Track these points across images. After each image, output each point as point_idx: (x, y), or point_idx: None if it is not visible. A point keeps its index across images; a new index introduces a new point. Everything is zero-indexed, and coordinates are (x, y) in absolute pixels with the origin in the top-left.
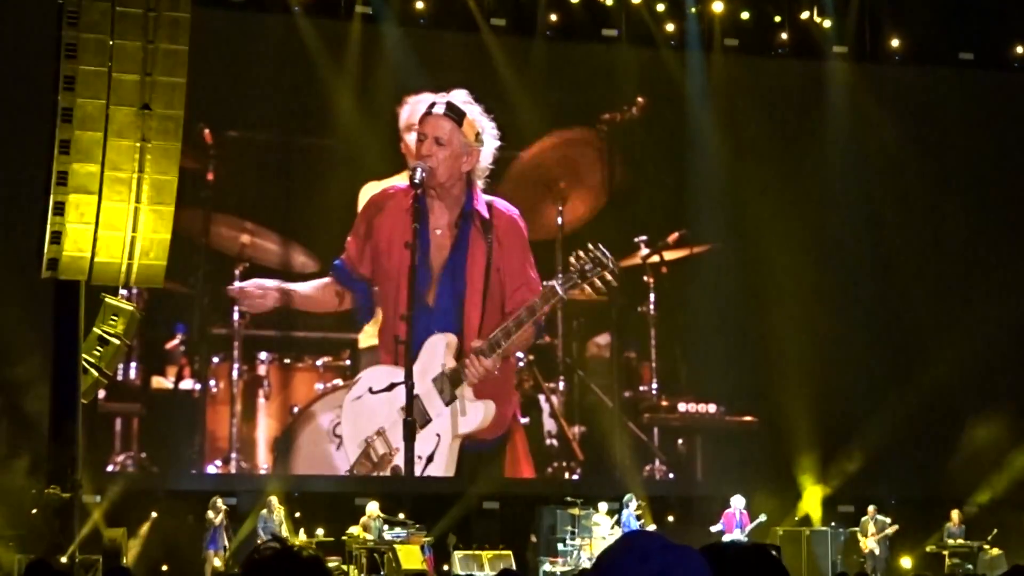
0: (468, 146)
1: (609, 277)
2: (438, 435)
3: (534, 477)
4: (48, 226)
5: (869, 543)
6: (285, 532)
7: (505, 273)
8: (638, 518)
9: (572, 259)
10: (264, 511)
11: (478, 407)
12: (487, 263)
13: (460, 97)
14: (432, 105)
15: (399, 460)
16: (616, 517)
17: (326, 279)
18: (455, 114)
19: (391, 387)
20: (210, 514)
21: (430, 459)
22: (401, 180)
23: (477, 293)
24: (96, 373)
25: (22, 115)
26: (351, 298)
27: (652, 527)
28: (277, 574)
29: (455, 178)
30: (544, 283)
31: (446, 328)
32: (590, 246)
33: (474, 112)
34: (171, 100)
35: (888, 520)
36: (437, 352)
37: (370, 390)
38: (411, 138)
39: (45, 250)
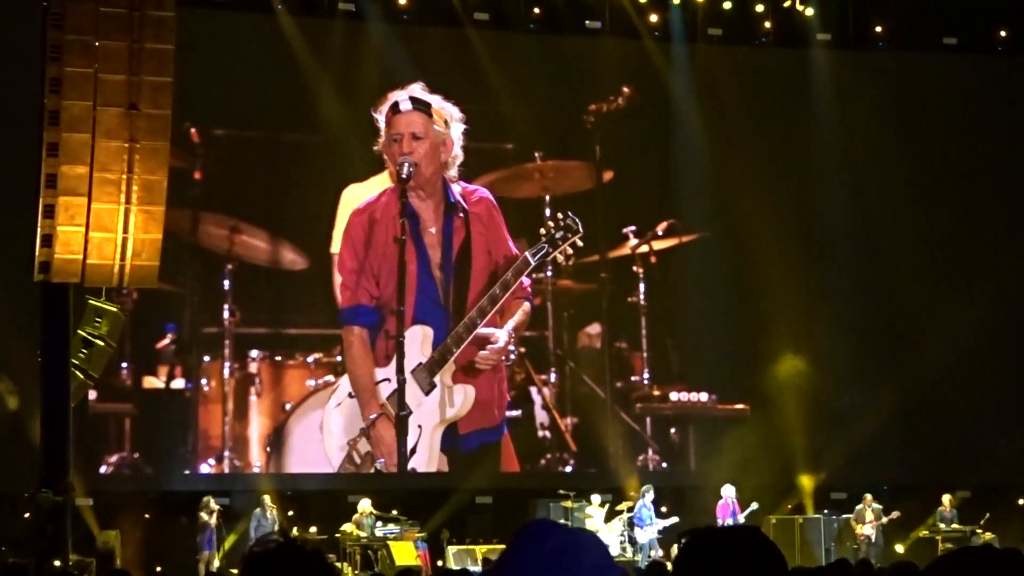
0: (442, 135)
1: (580, 243)
2: (419, 426)
3: (518, 471)
4: (39, 229)
5: (865, 530)
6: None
7: (497, 254)
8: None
9: (542, 229)
10: (258, 510)
11: (458, 392)
12: (481, 249)
13: (417, 89)
14: (396, 103)
15: (383, 459)
16: (629, 506)
17: (344, 331)
18: (422, 106)
19: None
20: (203, 515)
21: (412, 450)
22: (384, 181)
23: (480, 280)
24: (82, 376)
25: (9, 118)
26: (368, 333)
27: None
28: (280, 567)
29: (437, 171)
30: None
31: (457, 321)
32: (559, 214)
33: (437, 100)
34: (158, 100)
35: (882, 508)
36: (415, 344)
37: (349, 395)
38: (380, 142)
39: (36, 253)
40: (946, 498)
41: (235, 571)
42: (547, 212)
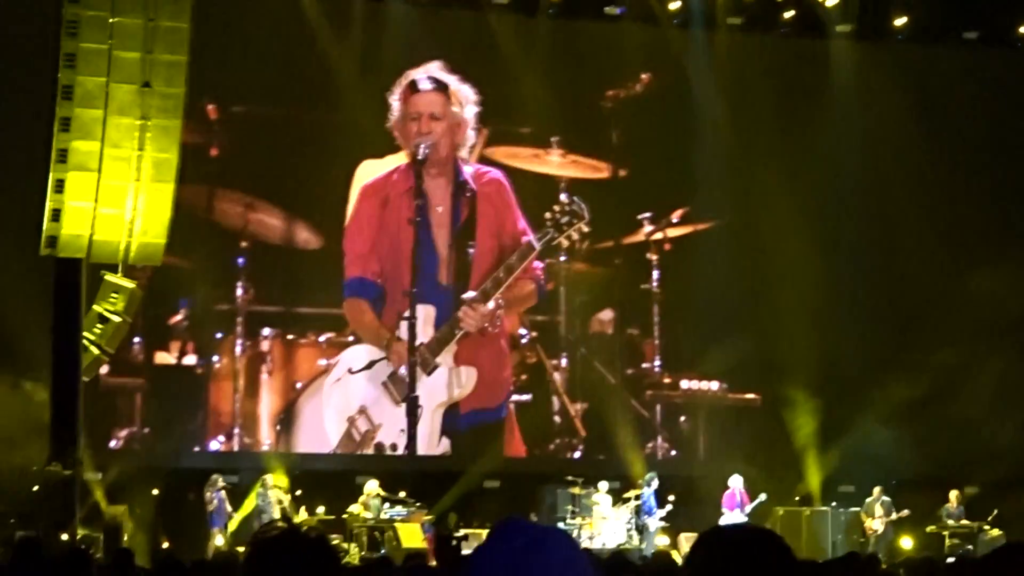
0: (458, 116)
1: (586, 229)
2: (420, 406)
3: (525, 455)
4: (48, 203)
5: (874, 524)
6: (277, 513)
7: (504, 236)
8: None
9: (548, 213)
10: (260, 488)
11: (460, 373)
12: (487, 230)
13: (435, 69)
14: (414, 83)
15: (382, 436)
16: (637, 494)
17: (348, 302)
18: (441, 86)
19: (370, 365)
20: (209, 493)
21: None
22: (400, 159)
23: (484, 262)
24: (97, 351)
25: (22, 93)
26: (371, 305)
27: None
28: (283, 553)
29: (451, 152)
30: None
31: (460, 301)
32: (564, 199)
33: (453, 82)
34: (172, 78)
35: (891, 501)
36: (418, 324)
37: (349, 371)
38: (394, 116)
39: (44, 227)
40: (953, 494)
41: (242, 549)
42: (562, 196)
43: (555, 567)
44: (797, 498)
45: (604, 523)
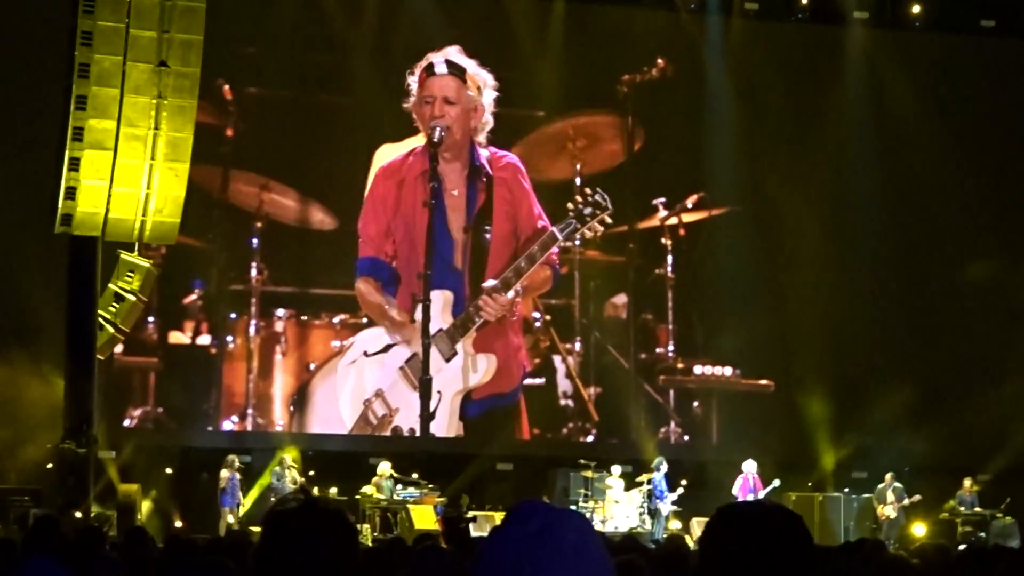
0: (474, 100)
1: (609, 220)
2: (439, 392)
3: (528, 439)
4: (63, 181)
5: (887, 510)
6: (293, 489)
7: (520, 220)
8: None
9: (570, 204)
10: (277, 467)
11: (480, 361)
12: (504, 215)
13: (453, 53)
14: (431, 65)
15: (399, 420)
16: (648, 479)
17: (359, 281)
18: (457, 71)
19: (387, 348)
20: (224, 472)
21: (431, 416)
22: (416, 142)
23: (501, 246)
24: (112, 329)
25: (39, 70)
26: (382, 286)
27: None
28: (301, 526)
29: (467, 136)
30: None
31: (477, 286)
32: (587, 190)
33: (471, 66)
34: (188, 57)
35: (903, 488)
36: (435, 310)
37: (365, 353)
38: (412, 100)
39: (59, 205)
40: (966, 481)
41: (255, 528)
42: (577, 181)
43: (567, 550)
44: (810, 484)
45: (616, 507)
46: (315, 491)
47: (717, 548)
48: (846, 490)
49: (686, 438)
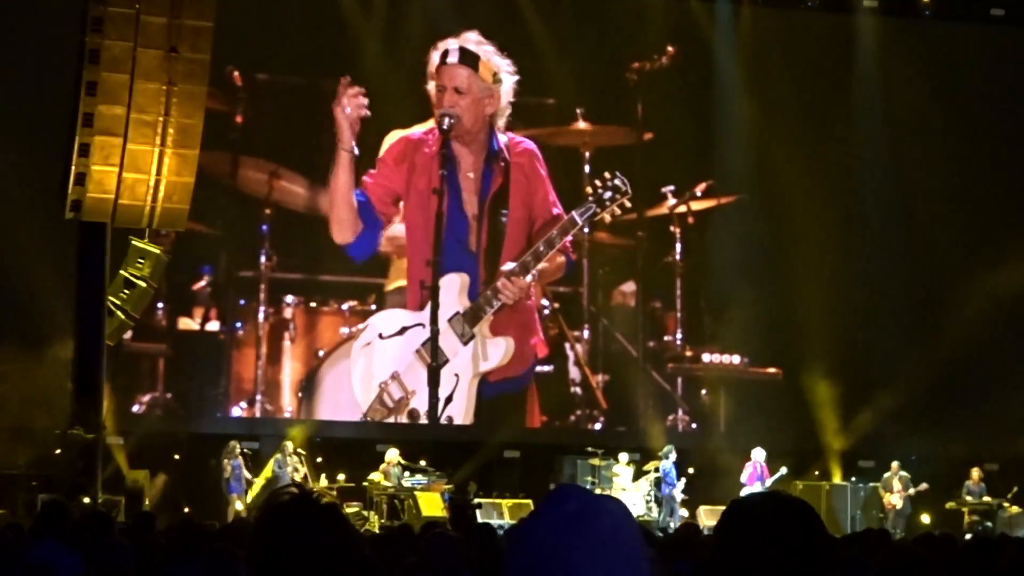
0: (488, 89)
1: (628, 204)
2: (456, 375)
3: (538, 427)
4: (72, 167)
5: (893, 499)
6: (298, 477)
7: (535, 207)
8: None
9: (589, 188)
10: (279, 455)
11: (497, 344)
12: (520, 200)
13: (471, 39)
14: (445, 53)
15: (416, 403)
16: (657, 468)
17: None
18: (469, 60)
19: (402, 331)
20: (225, 460)
21: (449, 399)
22: (426, 127)
23: (516, 231)
24: (122, 316)
25: (48, 56)
26: (359, 231)
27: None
28: (294, 520)
29: (481, 123)
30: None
31: (492, 269)
32: (607, 174)
33: (487, 52)
34: (198, 44)
35: (909, 476)
36: (451, 292)
37: (380, 336)
38: (431, 86)
39: (69, 191)
40: (975, 471)
41: None
42: (586, 169)
43: (603, 535)
44: (817, 472)
45: (623, 495)
46: (323, 478)
47: (731, 541)
48: (853, 479)
49: (694, 426)
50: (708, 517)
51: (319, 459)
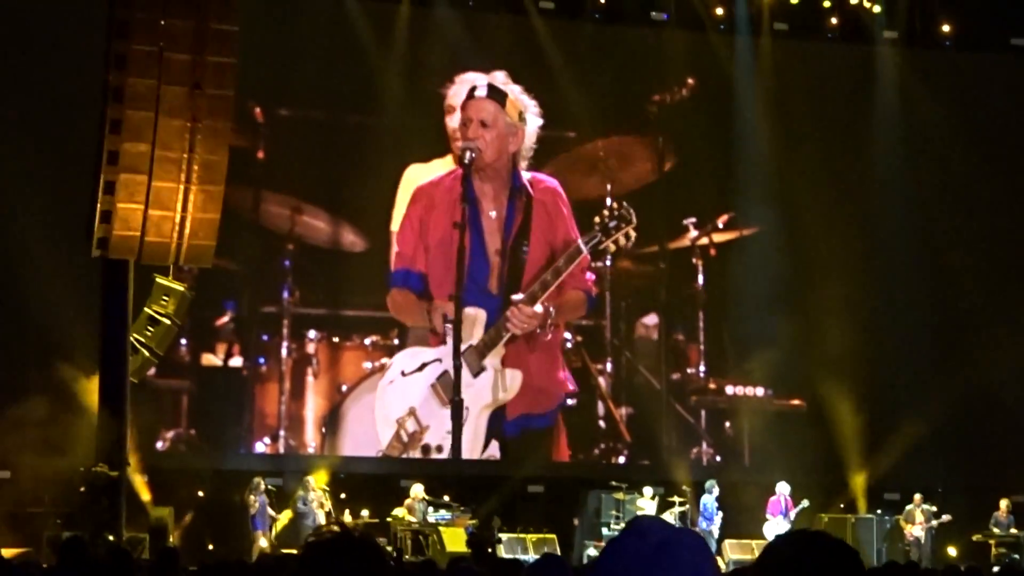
0: (513, 126)
1: (634, 233)
2: (467, 407)
3: (568, 460)
4: (98, 205)
5: (914, 531)
6: (320, 515)
7: (556, 243)
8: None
9: (596, 217)
10: (301, 492)
11: (507, 376)
12: (541, 238)
13: (499, 78)
14: (474, 88)
15: (429, 438)
16: (681, 501)
17: (392, 292)
18: (497, 95)
19: (422, 367)
20: (251, 497)
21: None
22: (447, 163)
23: (537, 267)
24: (147, 353)
25: (73, 94)
26: (417, 297)
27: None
28: (336, 556)
29: (503, 159)
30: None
31: (510, 305)
32: (613, 203)
33: (515, 92)
34: (222, 80)
35: (934, 509)
36: (467, 327)
37: (402, 373)
38: (454, 119)
39: (95, 229)
40: (1003, 503)
41: (285, 551)
42: (608, 201)
43: (684, 568)
44: (842, 505)
45: None
46: (347, 514)
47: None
48: (878, 511)
49: (718, 459)
50: (733, 551)
51: (343, 495)
